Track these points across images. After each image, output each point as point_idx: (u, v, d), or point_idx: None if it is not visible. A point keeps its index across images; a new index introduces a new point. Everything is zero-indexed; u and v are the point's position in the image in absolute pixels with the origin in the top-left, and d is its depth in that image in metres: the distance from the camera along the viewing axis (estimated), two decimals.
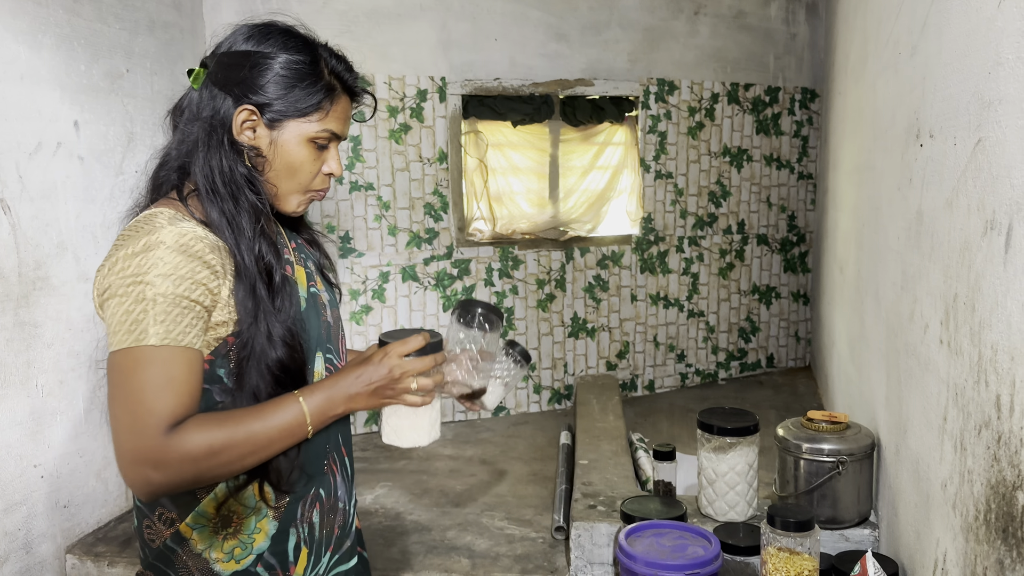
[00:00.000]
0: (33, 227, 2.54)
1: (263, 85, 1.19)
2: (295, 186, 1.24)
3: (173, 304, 1.07)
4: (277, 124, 1.20)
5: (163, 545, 1.19)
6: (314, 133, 1.21)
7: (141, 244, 1.08)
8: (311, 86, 1.20)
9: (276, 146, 1.21)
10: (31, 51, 2.54)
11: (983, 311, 1.26)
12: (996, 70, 1.23)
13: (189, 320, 1.09)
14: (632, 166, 4.42)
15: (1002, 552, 1.15)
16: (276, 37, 1.23)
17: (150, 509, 1.20)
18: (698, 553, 1.60)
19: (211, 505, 1.18)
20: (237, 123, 1.19)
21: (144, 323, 1.06)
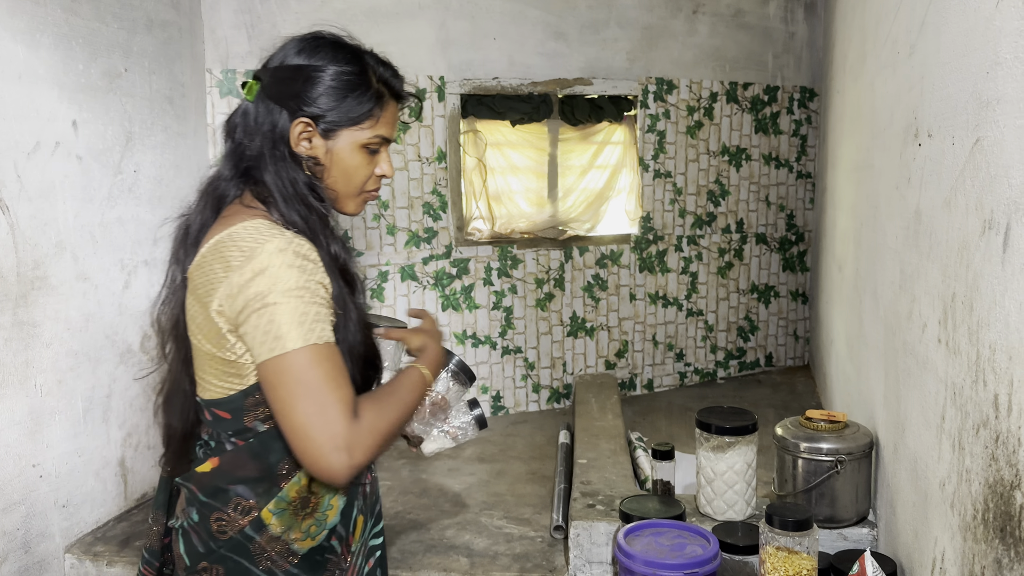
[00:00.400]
0: (31, 227, 2.54)
1: (316, 97, 1.26)
2: (352, 189, 1.32)
3: (313, 306, 1.15)
4: (332, 134, 1.27)
5: (239, 534, 1.24)
6: (366, 140, 1.29)
7: (264, 259, 1.14)
8: (361, 95, 1.27)
9: (332, 154, 1.28)
10: (29, 50, 2.53)
11: (981, 310, 1.26)
12: (994, 70, 1.23)
13: (326, 318, 1.17)
14: (631, 165, 4.42)
15: (1000, 551, 1.15)
16: (325, 50, 1.30)
17: (222, 501, 1.24)
18: (696, 552, 1.60)
19: (293, 489, 1.24)
20: (294, 135, 1.26)
21: (304, 326, 1.13)
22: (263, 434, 1.23)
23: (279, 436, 1.21)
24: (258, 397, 1.21)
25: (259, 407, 1.22)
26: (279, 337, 1.12)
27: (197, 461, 1.29)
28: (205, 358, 1.23)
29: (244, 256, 1.15)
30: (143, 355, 3.12)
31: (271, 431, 1.23)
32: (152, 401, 1.89)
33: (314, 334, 1.14)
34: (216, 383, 1.23)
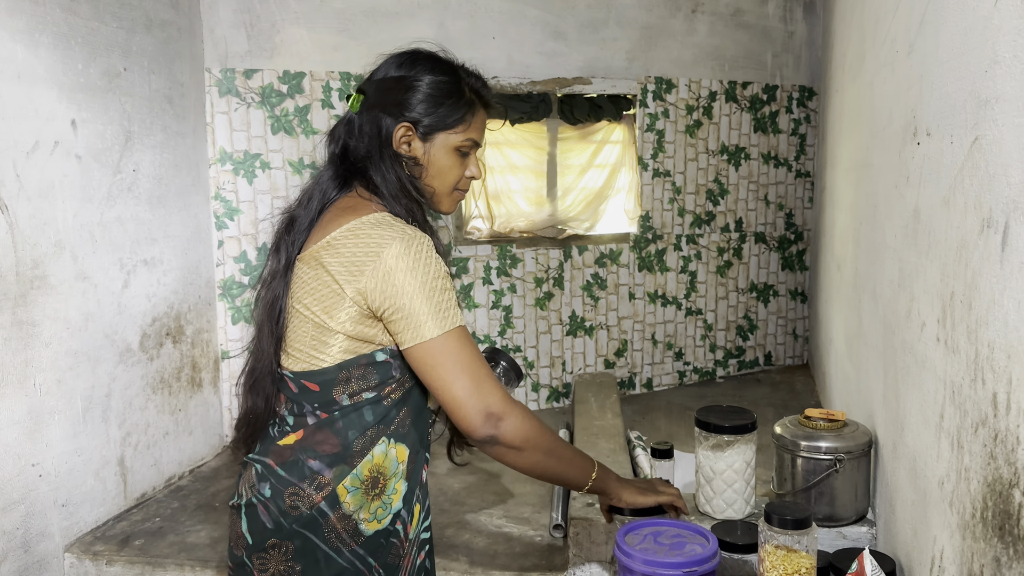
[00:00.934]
0: (31, 226, 2.54)
1: (416, 104, 1.40)
2: (446, 188, 1.46)
3: (451, 292, 1.33)
4: (429, 137, 1.42)
5: (314, 510, 1.32)
6: (459, 143, 1.43)
7: (405, 246, 1.29)
8: (455, 103, 1.42)
9: (429, 155, 1.42)
10: (28, 50, 2.53)
11: (980, 309, 1.27)
12: (993, 68, 1.23)
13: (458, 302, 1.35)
14: (630, 164, 4.42)
15: (999, 549, 1.16)
16: (423, 63, 1.43)
17: (298, 476, 1.33)
18: (696, 551, 1.60)
19: (367, 468, 1.34)
20: (396, 138, 1.40)
21: (451, 309, 1.30)
22: (347, 407, 1.34)
23: (360, 411, 1.34)
24: (350, 372, 1.32)
25: (349, 382, 1.33)
26: (429, 322, 1.28)
27: (271, 439, 1.38)
28: (311, 328, 1.34)
29: (381, 243, 1.29)
30: (142, 354, 3.12)
31: (354, 406, 1.34)
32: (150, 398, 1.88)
33: (458, 317, 1.31)
34: (310, 353, 1.34)
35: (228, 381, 3.73)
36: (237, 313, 3.72)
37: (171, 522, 2.93)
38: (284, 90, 3.72)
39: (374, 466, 1.35)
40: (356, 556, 1.34)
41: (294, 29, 3.71)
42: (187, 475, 3.41)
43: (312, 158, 3.79)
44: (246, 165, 3.69)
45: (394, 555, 1.39)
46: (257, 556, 1.35)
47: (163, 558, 2.65)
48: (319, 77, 3.77)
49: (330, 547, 1.33)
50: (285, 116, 3.73)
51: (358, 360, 1.33)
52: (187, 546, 2.74)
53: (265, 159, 3.72)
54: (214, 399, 3.65)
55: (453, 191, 1.48)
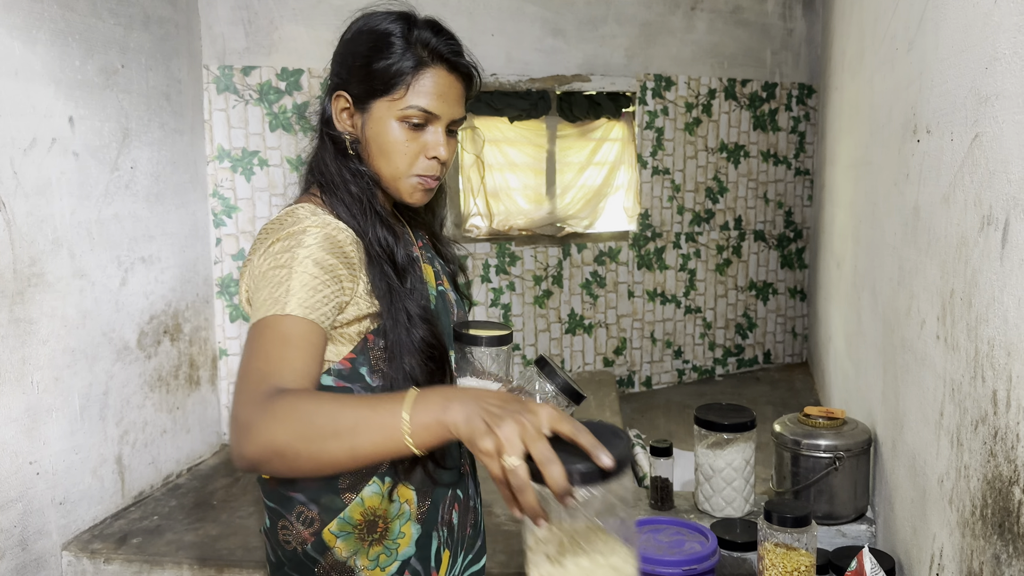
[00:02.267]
0: (28, 223, 2.53)
1: (346, 67, 1.15)
2: (394, 171, 1.15)
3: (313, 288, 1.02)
4: (364, 106, 1.14)
5: (302, 552, 1.15)
6: (400, 111, 1.12)
7: (285, 232, 1.06)
8: (390, 60, 1.12)
9: (367, 129, 1.15)
10: (25, 47, 2.53)
11: (980, 306, 1.26)
12: (993, 65, 1.22)
13: (324, 307, 1.03)
14: (629, 162, 4.42)
15: (998, 547, 1.15)
16: (364, 18, 1.16)
17: (287, 508, 1.15)
18: (695, 549, 1.60)
19: (357, 511, 1.14)
20: (336, 113, 1.17)
21: (281, 298, 1.00)
22: None
23: None
24: None
25: None
26: (264, 306, 1.00)
27: None
28: None
29: (269, 232, 1.08)
30: (140, 352, 3.11)
31: None
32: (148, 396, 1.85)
33: (303, 308, 1.00)
34: None
35: (226, 379, 3.73)
36: (235, 311, 3.71)
37: (169, 520, 2.92)
38: (282, 87, 3.71)
39: (367, 509, 1.15)
40: None
41: (292, 26, 3.71)
42: (185, 473, 3.40)
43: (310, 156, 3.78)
44: (244, 162, 3.69)
45: None
46: None
47: (161, 556, 2.65)
48: (317, 74, 3.76)
49: None
50: (283, 113, 3.73)
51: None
52: (185, 544, 2.73)
53: (263, 156, 3.72)
54: (212, 397, 3.65)
55: (410, 177, 1.16)
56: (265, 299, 1.01)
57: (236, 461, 0.88)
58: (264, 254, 1.06)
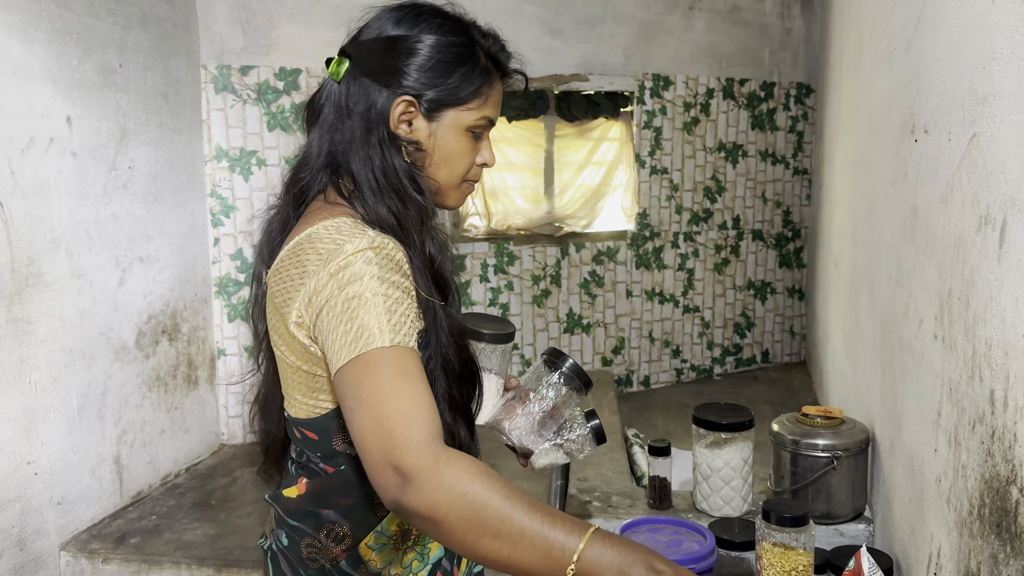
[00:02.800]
0: (26, 223, 2.53)
1: (420, 72, 1.10)
2: (454, 179, 1.15)
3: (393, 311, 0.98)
4: (435, 114, 1.11)
5: (333, 568, 1.11)
6: (472, 122, 1.13)
7: (343, 259, 0.99)
8: (469, 71, 1.12)
9: (435, 138, 1.12)
10: (23, 46, 2.52)
11: (977, 306, 1.26)
12: (991, 65, 1.22)
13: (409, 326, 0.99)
14: (627, 161, 4.42)
15: (996, 547, 1.15)
16: (429, 18, 1.13)
17: (313, 526, 1.11)
18: (693, 548, 1.60)
19: (394, 523, 1.12)
20: (394, 116, 1.10)
21: (371, 329, 0.95)
22: (354, 457, 1.08)
23: None
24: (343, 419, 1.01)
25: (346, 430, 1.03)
26: (358, 337, 0.95)
27: (288, 478, 1.16)
28: (290, 371, 1.09)
29: (321, 259, 1.00)
30: (138, 352, 3.11)
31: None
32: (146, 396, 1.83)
33: (400, 335, 0.96)
34: (302, 400, 1.09)
35: (224, 379, 3.73)
36: (233, 311, 3.71)
37: (167, 520, 2.92)
38: (280, 87, 3.71)
39: (403, 520, 1.10)
40: None
41: (290, 25, 3.70)
42: (183, 473, 3.40)
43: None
44: (242, 162, 3.68)
45: None
46: None
47: (159, 556, 2.65)
48: (315, 74, 3.76)
49: None
50: (281, 113, 3.72)
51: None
52: (183, 544, 2.73)
53: (261, 156, 3.71)
54: (210, 397, 3.65)
55: (462, 183, 1.17)
56: (348, 334, 0.96)
57: (389, 503, 0.90)
58: (321, 287, 1.00)
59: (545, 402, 1.32)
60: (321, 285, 0.99)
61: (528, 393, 1.33)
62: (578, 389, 1.34)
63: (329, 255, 1.00)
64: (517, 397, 1.33)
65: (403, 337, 0.96)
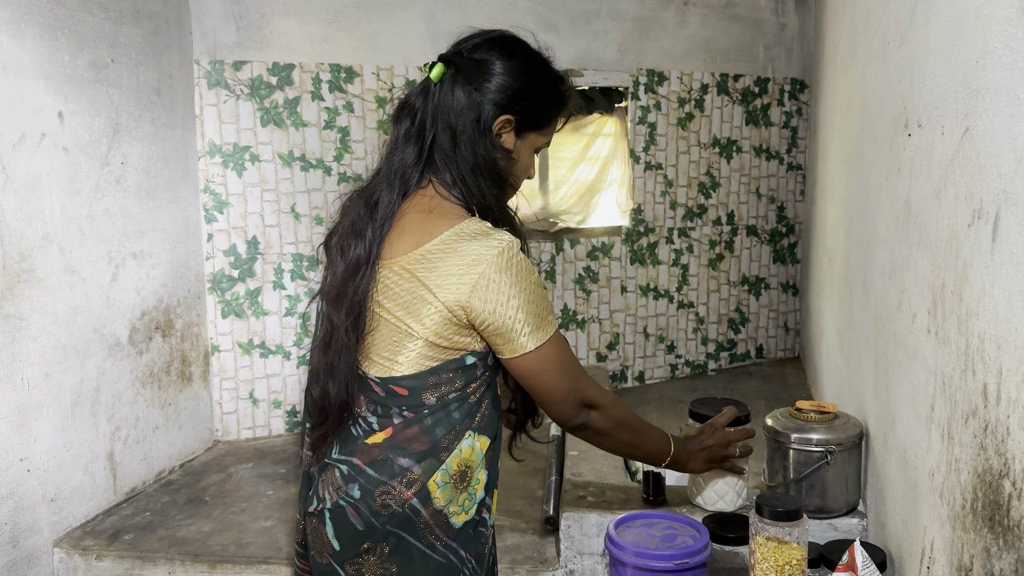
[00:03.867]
0: (17, 219, 2.52)
1: (524, 100, 1.36)
2: (519, 185, 1.45)
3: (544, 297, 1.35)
4: (523, 134, 1.39)
5: (406, 507, 1.32)
6: (541, 144, 1.43)
7: (506, 259, 1.29)
8: (556, 106, 1.42)
9: (519, 151, 1.40)
10: (13, 41, 2.51)
11: (970, 300, 1.26)
12: (984, 58, 1.22)
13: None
14: (622, 157, 4.42)
15: (988, 540, 1.16)
16: (537, 60, 1.42)
17: (388, 474, 1.32)
18: (687, 543, 1.60)
19: (455, 462, 1.35)
20: (495, 128, 1.36)
21: (547, 319, 1.33)
22: (435, 406, 1.33)
23: (447, 409, 1.33)
24: (440, 377, 1.32)
25: (440, 386, 1.32)
26: (542, 327, 1.32)
27: (354, 438, 1.36)
28: (394, 333, 1.32)
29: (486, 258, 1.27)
30: (132, 348, 3.10)
31: (442, 404, 1.33)
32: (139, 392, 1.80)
33: (552, 324, 1.34)
34: (403, 361, 1.32)
35: (218, 375, 3.72)
36: (227, 307, 3.70)
37: (161, 516, 2.92)
38: (274, 82, 3.69)
39: (462, 460, 1.35)
40: (449, 549, 1.35)
41: (283, 20, 3.69)
42: (177, 469, 3.39)
43: (302, 150, 3.77)
44: (235, 158, 3.67)
45: (482, 544, 1.41)
46: (350, 563, 1.33)
47: (153, 552, 2.64)
48: (309, 69, 3.75)
49: (424, 544, 1.32)
50: (275, 108, 3.71)
51: (448, 365, 1.32)
52: (177, 540, 2.73)
53: (255, 152, 3.70)
54: (204, 393, 3.64)
55: (518, 189, 1.47)
56: (531, 322, 1.31)
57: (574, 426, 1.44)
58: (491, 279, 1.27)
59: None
60: (490, 280, 1.27)
61: None
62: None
63: (502, 250, 1.28)
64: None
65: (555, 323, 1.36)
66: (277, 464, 3.45)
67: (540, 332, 1.31)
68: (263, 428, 3.82)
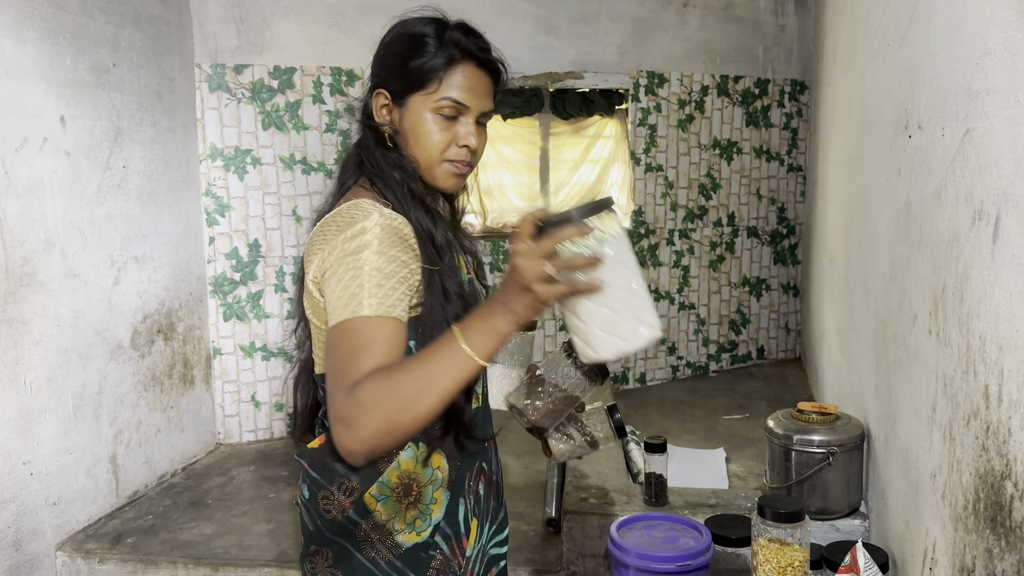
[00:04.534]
0: (20, 223, 2.52)
1: (386, 67, 1.28)
2: (428, 157, 1.27)
3: (385, 282, 1.13)
4: (401, 100, 1.26)
5: (344, 517, 1.24)
6: (434, 104, 1.24)
7: (357, 228, 1.14)
8: (424, 58, 1.24)
9: (404, 123, 1.27)
10: (15, 45, 2.51)
11: (971, 301, 1.27)
12: (984, 60, 1.23)
13: (398, 298, 1.14)
14: (622, 159, 4.42)
15: (991, 541, 1.16)
16: (401, 23, 1.30)
17: (328, 479, 1.24)
18: (689, 544, 1.60)
19: (394, 474, 1.23)
20: (376, 108, 1.28)
21: (359, 297, 1.11)
22: None
23: None
24: None
25: None
26: (335, 308, 1.12)
27: (309, 439, 1.31)
28: (316, 333, 1.24)
29: (339, 229, 1.16)
30: (134, 351, 3.10)
31: None
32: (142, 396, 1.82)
33: (384, 307, 1.11)
34: (320, 356, 1.24)
35: (220, 378, 3.72)
36: (229, 310, 3.71)
37: (163, 520, 2.92)
38: (275, 85, 3.70)
39: (403, 472, 1.23)
40: (395, 569, 1.25)
41: (284, 24, 3.69)
42: (179, 472, 3.39)
43: (303, 153, 3.78)
44: (237, 161, 3.68)
45: (444, 570, 1.27)
46: (308, 560, 1.30)
47: (155, 556, 2.64)
48: (310, 72, 3.75)
49: (366, 557, 1.25)
50: (276, 111, 3.72)
51: None
52: (179, 544, 2.73)
53: (256, 155, 3.71)
54: (206, 396, 3.64)
55: (443, 162, 1.27)
56: (342, 298, 1.12)
57: (348, 457, 1.07)
58: (332, 250, 1.15)
59: (560, 383, 1.34)
60: (333, 248, 1.14)
61: (544, 377, 1.36)
62: (593, 377, 1.35)
63: (345, 226, 1.15)
64: (532, 379, 1.36)
65: (387, 308, 1.11)
66: (279, 467, 3.46)
67: (343, 310, 1.11)
68: (265, 431, 3.82)
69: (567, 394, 1.34)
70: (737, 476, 2.76)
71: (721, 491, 2.36)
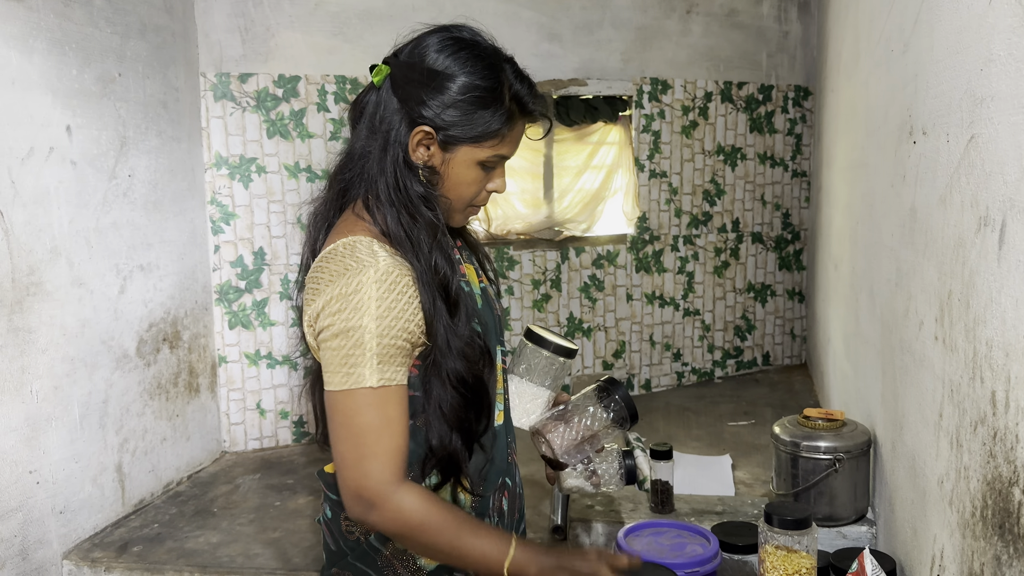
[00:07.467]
0: (26, 232, 2.53)
1: (442, 108, 1.18)
2: (461, 203, 1.25)
3: (388, 347, 1.11)
4: (451, 147, 1.20)
5: (365, 542, 1.23)
6: (484, 158, 1.22)
7: (353, 284, 1.10)
8: (491, 114, 1.19)
9: (447, 167, 1.21)
10: (22, 56, 2.53)
11: (977, 307, 1.27)
12: (988, 67, 1.23)
13: (400, 360, 1.13)
14: (626, 166, 4.42)
15: (999, 548, 1.15)
16: (463, 54, 1.21)
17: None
18: (697, 551, 1.60)
19: None
20: (412, 142, 1.19)
21: (362, 368, 1.10)
22: None
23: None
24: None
25: None
26: (335, 372, 1.11)
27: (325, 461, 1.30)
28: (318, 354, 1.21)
29: (335, 277, 1.11)
30: (139, 360, 3.11)
31: None
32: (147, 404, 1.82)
33: (387, 374, 1.11)
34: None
35: (226, 386, 3.73)
36: (234, 318, 3.71)
37: (169, 528, 2.92)
38: (279, 94, 3.71)
39: None
40: None
41: (289, 33, 3.71)
42: (185, 481, 3.40)
43: (308, 161, 3.79)
44: (242, 169, 3.69)
45: None
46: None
47: (161, 564, 2.64)
48: (314, 81, 3.77)
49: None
50: (281, 120, 3.73)
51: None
52: (185, 552, 2.73)
53: (261, 163, 3.72)
54: (212, 405, 3.65)
55: (468, 207, 1.27)
56: (344, 364, 1.10)
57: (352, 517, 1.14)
58: (329, 303, 1.11)
59: (589, 423, 1.38)
60: (330, 301, 1.11)
61: (575, 413, 1.37)
62: (622, 422, 1.40)
63: (338, 275, 1.11)
64: (564, 413, 1.37)
65: (389, 376, 1.11)
66: (284, 475, 3.46)
67: (342, 374, 1.10)
68: (270, 439, 3.83)
69: (594, 433, 1.38)
70: (743, 483, 2.76)
71: (727, 498, 2.36)
